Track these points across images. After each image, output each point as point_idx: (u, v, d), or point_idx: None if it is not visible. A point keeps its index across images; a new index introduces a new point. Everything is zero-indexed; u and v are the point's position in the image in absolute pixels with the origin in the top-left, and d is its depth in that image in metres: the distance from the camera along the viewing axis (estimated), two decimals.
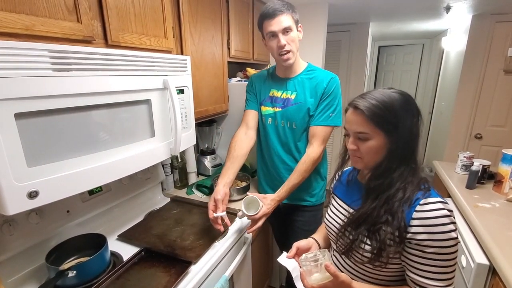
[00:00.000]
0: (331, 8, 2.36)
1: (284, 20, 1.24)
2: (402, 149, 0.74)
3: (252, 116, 1.49)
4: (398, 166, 0.75)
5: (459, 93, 2.91)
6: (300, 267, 0.82)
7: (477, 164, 1.72)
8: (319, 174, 1.48)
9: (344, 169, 0.99)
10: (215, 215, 1.19)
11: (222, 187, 1.27)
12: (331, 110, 1.33)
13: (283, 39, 1.26)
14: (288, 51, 1.29)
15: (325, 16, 2.32)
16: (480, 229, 1.29)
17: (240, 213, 1.23)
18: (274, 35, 1.27)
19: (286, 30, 1.26)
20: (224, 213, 1.21)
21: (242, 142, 1.43)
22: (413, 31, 3.87)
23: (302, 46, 1.36)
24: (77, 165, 0.81)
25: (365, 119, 0.74)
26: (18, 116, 0.67)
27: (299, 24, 1.32)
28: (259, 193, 1.63)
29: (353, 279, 0.85)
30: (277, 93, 1.43)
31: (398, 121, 0.73)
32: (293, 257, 0.90)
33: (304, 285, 0.78)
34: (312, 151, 1.33)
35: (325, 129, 1.33)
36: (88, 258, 0.97)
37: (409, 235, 0.70)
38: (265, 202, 1.25)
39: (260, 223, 1.23)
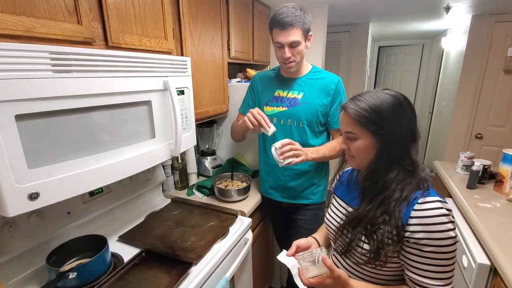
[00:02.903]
0: (331, 9, 2.36)
1: (293, 34, 1.25)
2: (391, 150, 0.75)
3: None
4: (390, 167, 0.75)
5: (459, 93, 2.91)
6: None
7: (478, 164, 1.72)
8: (321, 172, 1.49)
9: (345, 169, 0.99)
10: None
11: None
12: None
13: (288, 52, 1.29)
14: (292, 61, 1.32)
15: (325, 17, 2.32)
16: (481, 229, 1.29)
17: (273, 147, 1.25)
18: (281, 46, 1.29)
19: (293, 44, 1.27)
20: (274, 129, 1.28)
21: None
22: (413, 32, 3.87)
23: None
24: (78, 167, 0.82)
25: (351, 120, 0.77)
26: (19, 117, 0.67)
27: (310, 33, 1.32)
28: (262, 194, 1.64)
29: (352, 278, 0.85)
30: (283, 93, 1.45)
31: (384, 123, 0.73)
32: (293, 255, 0.90)
33: (302, 281, 0.78)
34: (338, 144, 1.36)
35: None
36: (89, 259, 0.96)
37: (407, 234, 0.70)
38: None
39: (296, 151, 1.25)
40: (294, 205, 1.52)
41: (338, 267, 0.89)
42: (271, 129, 1.26)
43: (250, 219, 1.43)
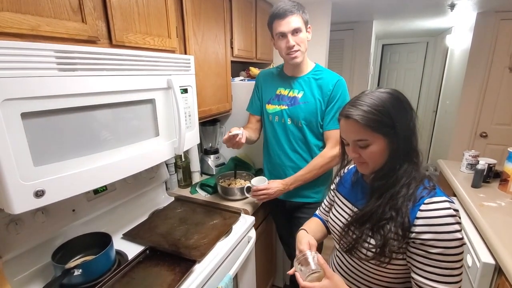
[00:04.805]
0: (334, 6, 2.35)
1: (294, 21, 1.26)
2: (404, 147, 0.74)
3: (255, 120, 1.60)
4: (402, 164, 0.75)
5: (464, 91, 2.89)
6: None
7: (483, 163, 1.71)
8: (328, 171, 1.48)
9: (349, 167, 0.98)
10: (233, 132, 1.31)
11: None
12: None
13: (292, 40, 1.28)
14: (297, 51, 1.31)
15: (328, 15, 2.32)
16: (486, 228, 1.28)
17: (246, 186, 1.49)
18: (283, 35, 1.29)
19: (295, 31, 1.27)
20: (239, 131, 1.32)
21: (252, 130, 1.58)
22: (417, 29, 3.85)
23: None
24: (83, 165, 0.82)
25: (361, 127, 0.73)
26: (25, 115, 0.67)
27: (309, 25, 1.33)
28: None
29: (355, 279, 0.84)
30: (284, 92, 1.45)
31: (394, 121, 0.72)
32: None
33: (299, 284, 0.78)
34: (326, 152, 1.38)
35: (337, 132, 1.34)
36: (94, 256, 0.97)
37: (413, 235, 0.69)
38: (271, 183, 1.42)
39: (261, 196, 1.42)
40: (297, 204, 1.52)
41: (341, 266, 0.89)
42: (238, 132, 1.32)
43: (253, 217, 1.43)
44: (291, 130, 1.43)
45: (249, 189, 1.48)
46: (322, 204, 1.11)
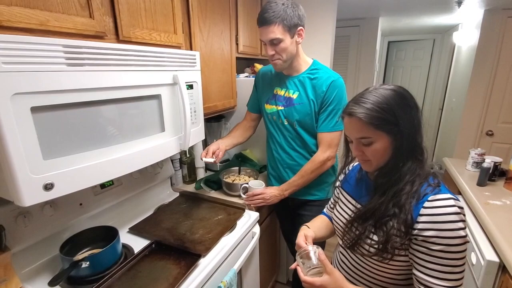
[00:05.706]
0: (340, 3, 2.33)
1: (271, 32, 1.21)
2: (407, 144, 0.73)
3: (250, 118, 1.62)
4: (405, 161, 0.74)
5: (470, 89, 2.86)
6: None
7: (488, 161, 1.70)
8: (330, 170, 1.48)
9: (354, 164, 0.98)
10: (204, 159, 1.39)
11: (218, 142, 1.46)
12: (338, 115, 1.32)
13: (270, 50, 1.27)
14: (277, 59, 1.30)
15: (334, 11, 2.30)
16: (490, 227, 1.27)
17: (243, 185, 1.50)
18: (264, 43, 1.29)
19: (273, 42, 1.24)
20: (211, 160, 1.38)
21: (242, 131, 1.61)
22: (423, 26, 3.81)
23: (311, 42, 1.36)
24: (90, 159, 0.83)
25: (364, 124, 0.72)
26: (34, 109, 0.68)
27: (299, 28, 1.26)
28: None
29: (359, 275, 0.85)
30: (281, 92, 1.44)
31: (397, 119, 0.71)
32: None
33: (301, 279, 0.80)
34: (317, 156, 1.37)
35: (330, 135, 1.34)
36: (101, 249, 0.99)
37: (415, 231, 0.69)
38: (267, 189, 1.44)
39: (255, 200, 1.43)
40: (300, 201, 1.52)
41: (344, 262, 0.90)
42: (209, 160, 1.39)
43: (257, 213, 1.44)
44: (288, 130, 1.43)
45: (245, 189, 1.49)
46: (329, 201, 1.12)
